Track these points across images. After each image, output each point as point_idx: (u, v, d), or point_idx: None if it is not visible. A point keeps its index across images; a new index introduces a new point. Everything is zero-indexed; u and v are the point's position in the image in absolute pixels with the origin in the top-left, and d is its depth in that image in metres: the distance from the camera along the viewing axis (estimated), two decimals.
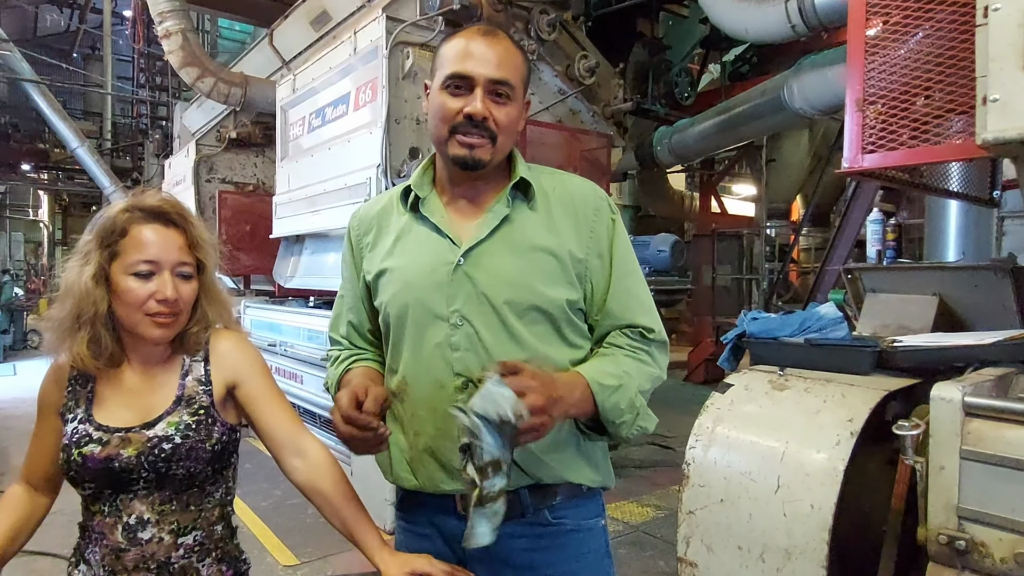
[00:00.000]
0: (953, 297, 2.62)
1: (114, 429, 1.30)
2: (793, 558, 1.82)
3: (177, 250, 1.31)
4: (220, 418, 1.36)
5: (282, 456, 1.40)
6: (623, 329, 1.36)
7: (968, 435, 1.59)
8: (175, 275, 1.31)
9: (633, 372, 1.32)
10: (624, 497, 4.94)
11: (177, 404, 1.33)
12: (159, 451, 1.28)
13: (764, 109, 6.48)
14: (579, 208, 1.37)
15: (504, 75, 1.29)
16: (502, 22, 4.70)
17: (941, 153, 1.94)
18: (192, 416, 1.33)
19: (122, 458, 1.27)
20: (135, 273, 1.28)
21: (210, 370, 1.39)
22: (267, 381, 1.44)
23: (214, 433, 1.34)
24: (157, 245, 1.29)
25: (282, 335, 5.45)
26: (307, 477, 1.37)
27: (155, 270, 1.29)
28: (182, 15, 6.68)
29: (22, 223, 18.61)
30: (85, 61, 18.45)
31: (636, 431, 1.32)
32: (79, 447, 1.28)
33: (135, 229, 1.30)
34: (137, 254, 1.28)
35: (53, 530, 1.35)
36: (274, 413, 1.41)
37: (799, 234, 10.67)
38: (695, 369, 10.38)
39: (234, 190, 7.96)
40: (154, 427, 1.30)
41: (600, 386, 1.26)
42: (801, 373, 2.15)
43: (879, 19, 2.03)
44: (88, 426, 1.30)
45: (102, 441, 1.28)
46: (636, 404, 1.30)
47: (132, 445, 1.28)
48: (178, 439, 1.29)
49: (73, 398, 1.34)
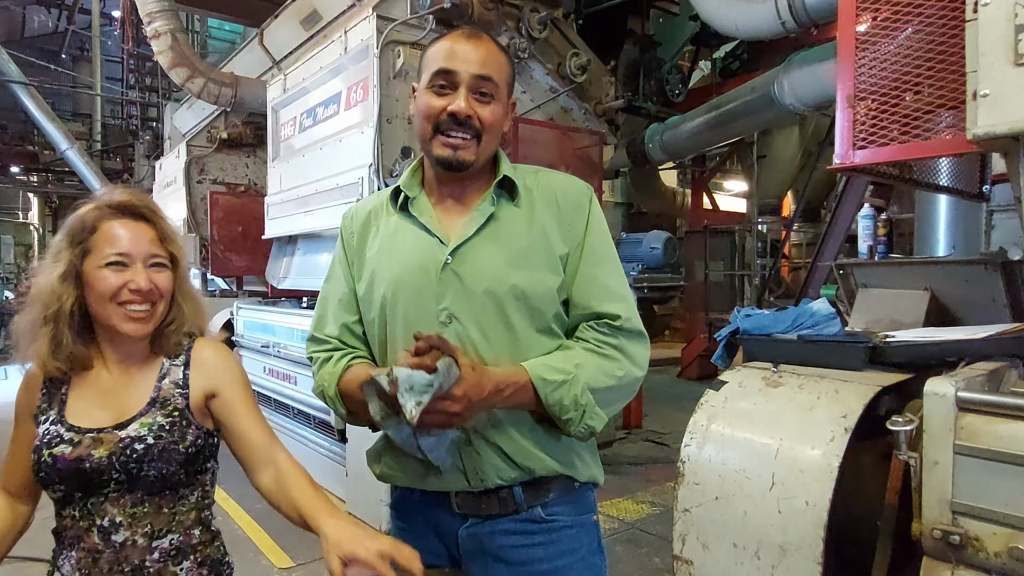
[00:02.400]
0: (944, 292, 2.62)
1: (86, 430, 1.29)
2: (788, 554, 1.82)
3: (148, 242, 1.32)
4: (195, 421, 1.35)
5: (254, 466, 1.39)
6: (591, 322, 1.36)
7: (961, 430, 1.60)
8: (148, 266, 1.31)
9: (586, 367, 1.31)
10: (619, 494, 4.94)
11: (151, 405, 1.33)
12: (131, 451, 1.27)
13: (755, 105, 6.50)
14: (562, 204, 1.39)
15: (487, 72, 1.32)
16: (493, 20, 4.69)
17: (931, 148, 1.95)
18: (166, 418, 1.32)
19: (93, 459, 1.26)
20: (108, 263, 1.28)
21: (189, 375, 1.38)
22: (246, 393, 1.43)
23: (188, 435, 1.33)
24: (127, 238, 1.30)
25: (275, 336, 5.42)
26: (275, 483, 1.36)
27: (127, 262, 1.29)
28: (171, 15, 6.63)
29: (11, 226, 18.46)
30: (74, 62, 18.32)
31: (583, 429, 1.31)
32: (49, 448, 1.27)
33: (105, 224, 1.30)
34: (108, 248, 1.29)
35: (45, 534, 1.34)
36: (251, 425, 1.40)
37: (790, 230, 10.71)
38: (688, 365, 10.41)
39: (225, 191, 7.93)
40: (126, 427, 1.29)
41: (543, 381, 1.27)
42: (795, 369, 2.15)
43: (869, 15, 2.03)
44: (60, 427, 1.29)
45: (73, 442, 1.27)
46: (582, 402, 1.29)
47: (104, 445, 1.27)
48: (150, 439, 1.28)
49: (47, 400, 1.33)
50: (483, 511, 1.37)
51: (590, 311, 1.35)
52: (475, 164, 1.35)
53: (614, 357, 1.34)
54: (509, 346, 1.32)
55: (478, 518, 1.37)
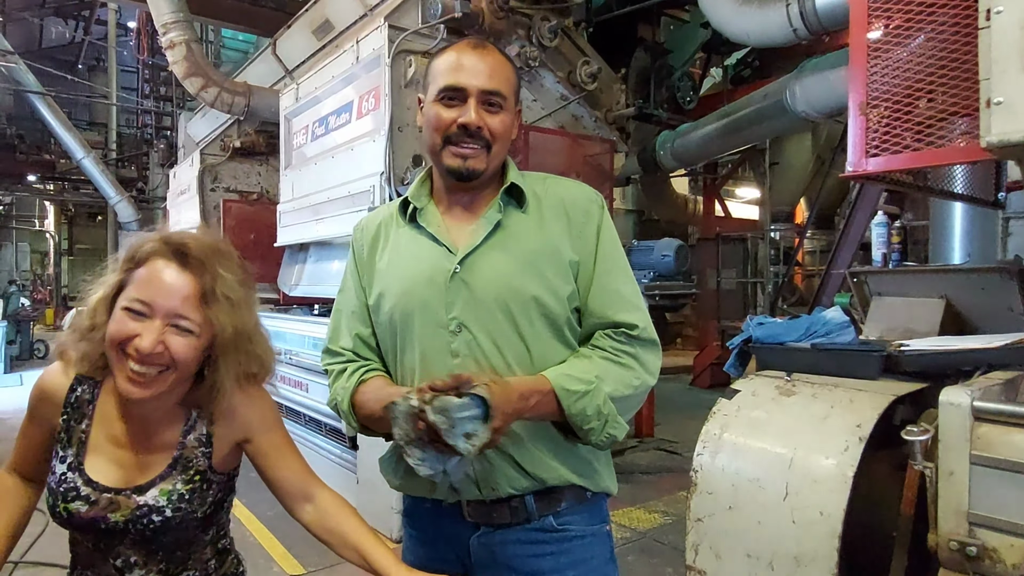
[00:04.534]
0: (960, 300, 2.60)
1: (103, 488, 1.22)
2: (803, 565, 1.80)
3: (180, 300, 1.17)
4: (217, 478, 1.29)
5: (292, 504, 1.34)
6: (607, 330, 1.35)
7: (977, 440, 1.58)
8: (169, 326, 1.16)
9: (606, 377, 1.30)
10: (631, 503, 4.92)
11: (172, 468, 1.24)
12: (148, 521, 1.21)
13: (767, 113, 6.47)
14: (570, 211, 1.39)
15: (495, 86, 1.33)
16: (503, 29, 4.71)
17: (945, 156, 1.94)
18: (186, 484, 1.24)
19: (109, 521, 1.20)
20: (127, 308, 1.16)
21: (213, 433, 1.28)
22: (280, 434, 1.36)
23: (208, 497, 1.27)
24: (158, 287, 1.17)
25: (287, 343, 5.44)
26: (317, 517, 1.32)
27: (148, 313, 1.16)
28: (186, 26, 6.70)
29: (28, 234, 18.66)
30: (90, 72, 18.56)
31: (605, 438, 1.30)
32: (66, 501, 1.20)
33: (151, 262, 1.19)
34: (135, 290, 1.17)
35: (61, 539, 1.34)
36: (286, 465, 1.34)
37: (803, 237, 10.64)
38: (700, 374, 10.35)
39: (238, 199, 7.98)
40: (145, 493, 1.22)
41: (566, 392, 1.26)
42: (808, 378, 2.14)
43: (881, 22, 2.03)
44: (77, 476, 1.22)
45: (89, 500, 1.20)
46: (605, 411, 1.28)
47: (120, 510, 1.21)
48: (168, 512, 1.22)
49: (67, 431, 1.25)
50: (495, 520, 1.36)
51: (607, 320, 1.35)
52: (485, 173, 1.36)
53: (631, 366, 1.33)
54: (521, 354, 1.32)
55: (490, 527, 1.37)
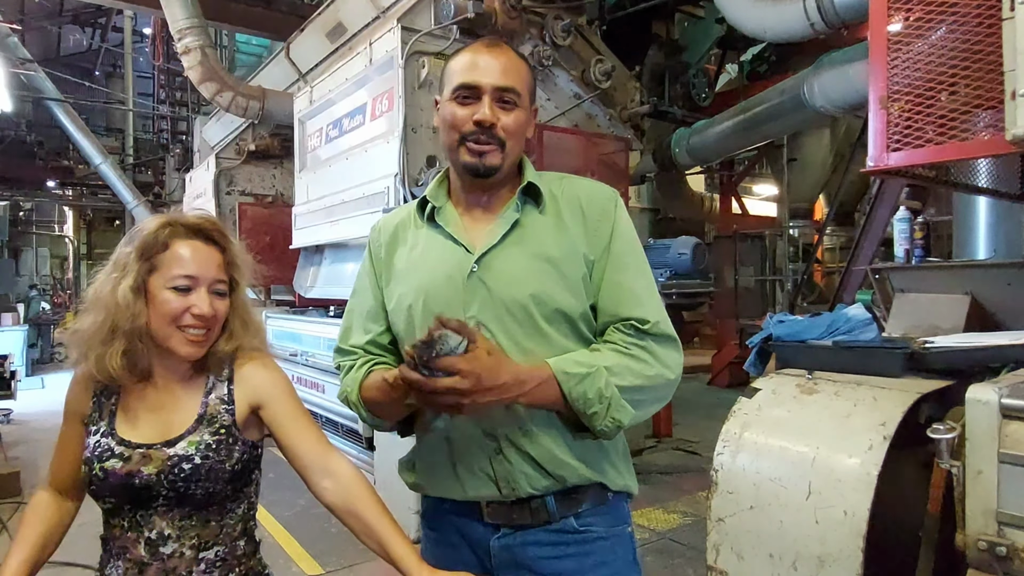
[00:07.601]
0: (985, 296, 2.56)
1: (136, 445, 1.30)
2: (827, 566, 1.78)
3: (215, 267, 1.34)
4: (241, 436, 1.36)
5: (310, 477, 1.37)
6: (617, 324, 1.34)
7: (1006, 438, 1.54)
8: (211, 292, 1.32)
9: (612, 365, 1.28)
10: (650, 504, 4.89)
11: (199, 423, 1.33)
12: (179, 470, 1.28)
13: (784, 108, 6.42)
14: (587, 210, 1.39)
15: (509, 83, 1.34)
16: (517, 29, 4.70)
17: (969, 150, 1.90)
18: (213, 436, 1.32)
19: (142, 475, 1.27)
20: (173, 287, 1.29)
21: (233, 389, 1.38)
22: (292, 402, 1.42)
23: (235, 452, 1.34)
24: (197, 261, 1.31)
25: (303, 345, 5.48)
26: (338, 498, 1.35)
27: (193, 285, 1.30)
28: (201, 31, 6.75)
29: (48, 239, 18.88)
30: (107, 79, 18.72)
31: (609, 423, 1.28)
32: (101, 461, 1.28)
33: (176, 244, 1.32)
34: (177, 268, 1.30)
35: (83, 540, 1.35)
36: (300, 434, 1.39)
37: (823, 234, 10.52)
38: (719, 373, 10.29)
39: (254, 202, 8.07)
40: (175, 445, 1.30)
41: (565, 375, 1.25)
42: (830, 376, 2.11)
43: (901, 14, 1.99)
44: (111, 440, 1.31)
45: (123, 456, 1.29)
46: (607, 394, 1.26)
47: (152, 463, 1.28)
48: (198, 459, 1.29)
49: (97, 409, 1.35)
50: (515, 521, 1.35)
51: (618, 316, 1.34)
52: (501, 169, 1.36)
53: (641, 358, 1.31)
54: (540, 354, 1.30)
55: (510, 528, 1.36)
